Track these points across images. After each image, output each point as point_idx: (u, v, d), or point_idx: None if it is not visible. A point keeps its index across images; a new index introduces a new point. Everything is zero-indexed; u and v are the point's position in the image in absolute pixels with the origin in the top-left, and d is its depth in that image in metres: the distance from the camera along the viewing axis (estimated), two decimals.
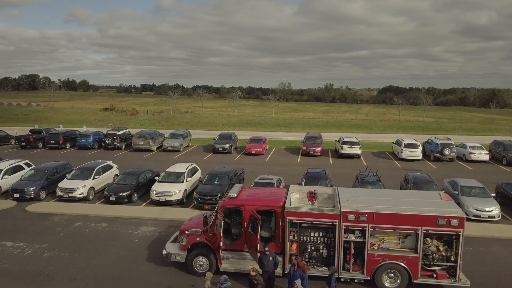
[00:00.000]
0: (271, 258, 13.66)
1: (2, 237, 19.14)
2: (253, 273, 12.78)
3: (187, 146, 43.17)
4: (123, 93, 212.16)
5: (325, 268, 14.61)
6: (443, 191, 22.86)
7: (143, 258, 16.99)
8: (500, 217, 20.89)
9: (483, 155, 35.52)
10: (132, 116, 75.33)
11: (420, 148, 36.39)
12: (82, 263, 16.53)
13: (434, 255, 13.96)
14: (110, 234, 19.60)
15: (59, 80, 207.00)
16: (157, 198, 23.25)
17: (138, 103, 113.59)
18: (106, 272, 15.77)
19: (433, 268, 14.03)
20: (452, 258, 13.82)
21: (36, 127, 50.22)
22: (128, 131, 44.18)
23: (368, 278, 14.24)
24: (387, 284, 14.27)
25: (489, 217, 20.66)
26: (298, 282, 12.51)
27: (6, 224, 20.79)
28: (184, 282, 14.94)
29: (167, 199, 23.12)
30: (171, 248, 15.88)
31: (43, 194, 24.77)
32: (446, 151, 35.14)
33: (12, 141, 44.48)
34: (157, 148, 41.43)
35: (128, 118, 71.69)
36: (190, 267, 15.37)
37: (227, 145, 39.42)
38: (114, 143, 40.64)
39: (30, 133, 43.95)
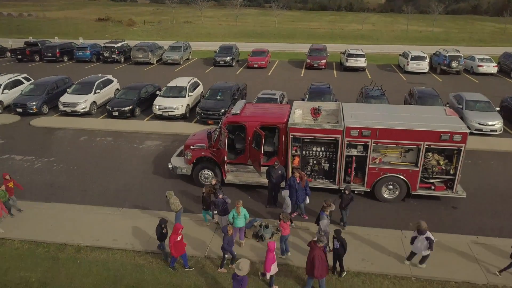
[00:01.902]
0: (279, 172, 14.06)
1: (10, 151, 19.57)
2: (213, 181, 13.46)
3: (187, 59, 42.09)
4: (118, 1, 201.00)
5: (326, 180, 15.10)
6: (448, 105, 22.77)
7: (149, 171, 17.50)
8: (502, 131, 21.01)
9: (491, 68, 34.63)
10: (129, 27, 72.38)
11: (427, 60, 35.37)
12: (90, 176, 17.09)
13: (434, 168, 14.28)
14: (116, 148, 19.97)
15: None
16: (160, 113, 23.25)
17: (135, 12, 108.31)
18: (115, 185, 16.37)
19: (431, 181, 14.47)
20: (451, 172, 14.17)
21: (30, 39, 48.53)
22: (126, 43, 42.73)
23: (368, 190, 14.76)
24: (385, 195, 14.85)
25: (491, 131, 20.78)
26: (286, 192, 13.13)
27: (13, 138, 21.11)
28: (191, 193, 15.56)
29: (170, 113, 23.13)
30: (176, 161, 16.26)
31: (45, 109, 24.79)
32: (454, 64, 34.22)
33: (8, 54, 43.34)
34: (157, 61, 40.45)
35: (125, 29, 68.97)
36: (196, 179, 15.90)
37: (228, 58, 38.32)
38: (113, 56, 39.58)
39: (25, 45, 42.58)
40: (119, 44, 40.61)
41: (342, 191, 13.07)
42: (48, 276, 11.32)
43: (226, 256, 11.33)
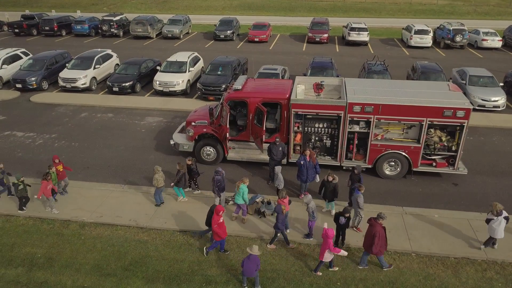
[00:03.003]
0: (280, 148, 14.04)
1: (12, 127, 19.53)
2: (189, 162, 13.58)
3: (187, 33, 41.37)
4: None
5: (328, 157, 15.11)
6: (451, 81, 22.54)
7: (151, 148, 17.51)
8: (505, 107, 20.85)
9: (496, 42, 34.02)
10: None
11: (431, 34, 34.74)
12: (92, 153, 17.10)
13: (436, 145, 14.26)
14: (117, 124, 19.90)
15: None
16: (161, 89, 23.05)
17: None
18: (117, 161, 16.40)
19: (433, 157, 14.47)
20: (453, 148, 14.15)
21: (27, 12, 47.56)
22: (125, 16, 41.89)
23: (370, 166, 14.78)
24: (387, 172, 14.89)
25: (494, 106, 20.62)
26: (278, 168, 13.22)
27: (13, 114, 21.02)
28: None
29: (171, 89, 22.93)
30: (178, 138, 16.23)
31: (45, 84, 24.57)
32: (458, 38, 33.61)
33: (5, 28, 42.62)
34: (156, 35, 39.78)
35: (122, 2, 67.57)
36: (198, 156, 15.90)
37: (228, 31, 37.63)
38: (111, 30, 38.87)
39: (22, 19, 41.78)
40: (118, 18, 39.83)
41: (352, 169, 13.07)
42: (53, 251, 11.50)
43: (279, 234, 11.33)
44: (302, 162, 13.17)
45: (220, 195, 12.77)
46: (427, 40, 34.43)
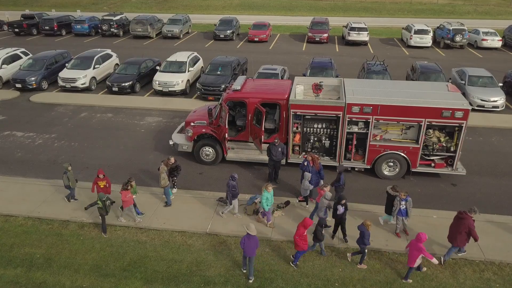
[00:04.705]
0: (279, 149, 14.04)
1: (11, 127, 19.56)
2: (172, 160, 13.49)
3: (187, 33, 41.37)
4: None
5: (327, 157, 15.13)
6: (450, 81, 22.55)
7: (150, 148, 17.53)
8: (504, 107, 20.86)
9: (496, 42, 34.01)
10: None
11: (431, 34, 34.74)
12: (92, 153, 17.13)
13: (434, 145, 14.28)
14: (116, 124, 19.93)
15: None
16: (160, 88, 23.07)
17: None
18: (117, 161, 16.43)
19: (432, 158, 14.49)
20: (452, 149, 14.17)
21: (27, 11, 47.57)
22: (125, 16, 41.92)
23: (368, 167, 14.80)
24: (386, 173, 14.91)
25: (493, 107, 20.63)
26: (307, 175, 12.90)
27: (13, 114, 21.05)
28: (192, 170, 15.64)
29: (170, 89, 22.95)
30: (177, 138, 16.25)
31: (45, 84, 24.59)
32: (458, 38, 33.59)
33: (5, 28, 42.64)
34: (156, 35, 39.80)
35: (122, 1, 67.54)
36: (197, 156, 15.93)
37: (228, 31, 37.63)
38: (111, 29, 38.89)
39: (22, 18, 41.82)
40: (118, 17, 39.86)
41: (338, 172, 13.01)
42: (52, 252, 11.54)
43: (366, 251, 10.82)
44: (305, 164, 12.99)
45: (232, 202, 12.57)
46: (427, 40, 34.42)
